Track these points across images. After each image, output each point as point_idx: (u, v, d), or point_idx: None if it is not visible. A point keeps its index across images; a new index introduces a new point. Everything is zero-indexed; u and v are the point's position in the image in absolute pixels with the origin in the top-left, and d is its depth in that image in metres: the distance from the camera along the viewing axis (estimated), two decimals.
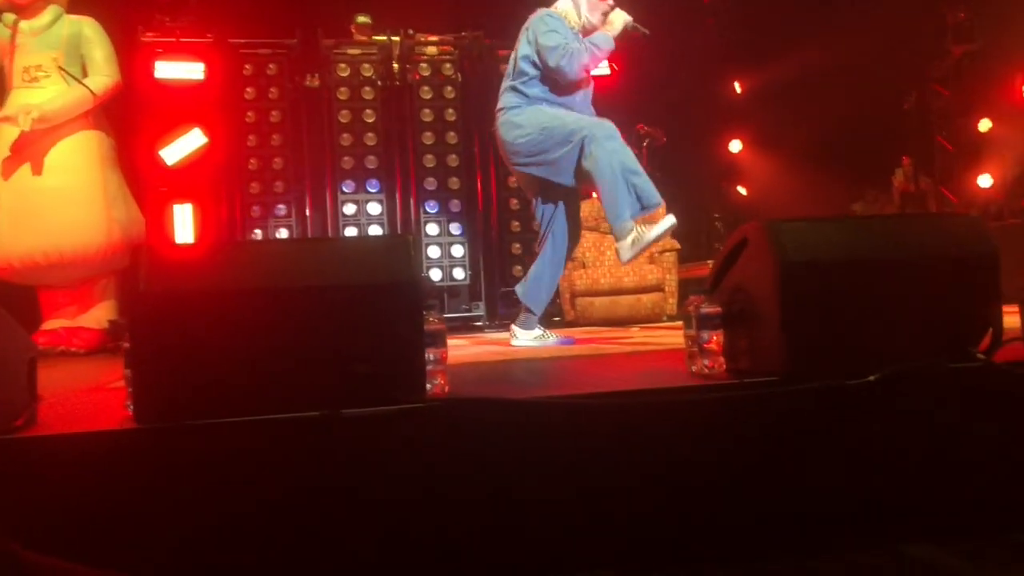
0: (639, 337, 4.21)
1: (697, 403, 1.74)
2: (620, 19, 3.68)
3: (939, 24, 9.36)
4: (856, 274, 1.85)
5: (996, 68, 8.74)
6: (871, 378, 1.73)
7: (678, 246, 6.59)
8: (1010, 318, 2.11)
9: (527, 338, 3.73)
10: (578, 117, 3.55)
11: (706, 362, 1.99)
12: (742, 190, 9.83)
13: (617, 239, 3.43)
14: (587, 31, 3.69)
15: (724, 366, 1.98)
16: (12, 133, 4.84)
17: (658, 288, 6.39)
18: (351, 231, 6.79)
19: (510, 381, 2.21)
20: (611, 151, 3.37)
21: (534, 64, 3.61)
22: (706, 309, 2.00)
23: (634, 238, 3.34)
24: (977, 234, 1.91)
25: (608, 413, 1.70)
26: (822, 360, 1.78)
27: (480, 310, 7.08)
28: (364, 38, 6.77)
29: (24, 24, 5.02)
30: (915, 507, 1.78)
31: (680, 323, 2.26)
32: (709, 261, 7.60)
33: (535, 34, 3.61)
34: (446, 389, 1.85)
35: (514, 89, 3.66)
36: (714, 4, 8.65)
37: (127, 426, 1.57)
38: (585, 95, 3.75)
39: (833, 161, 9.46)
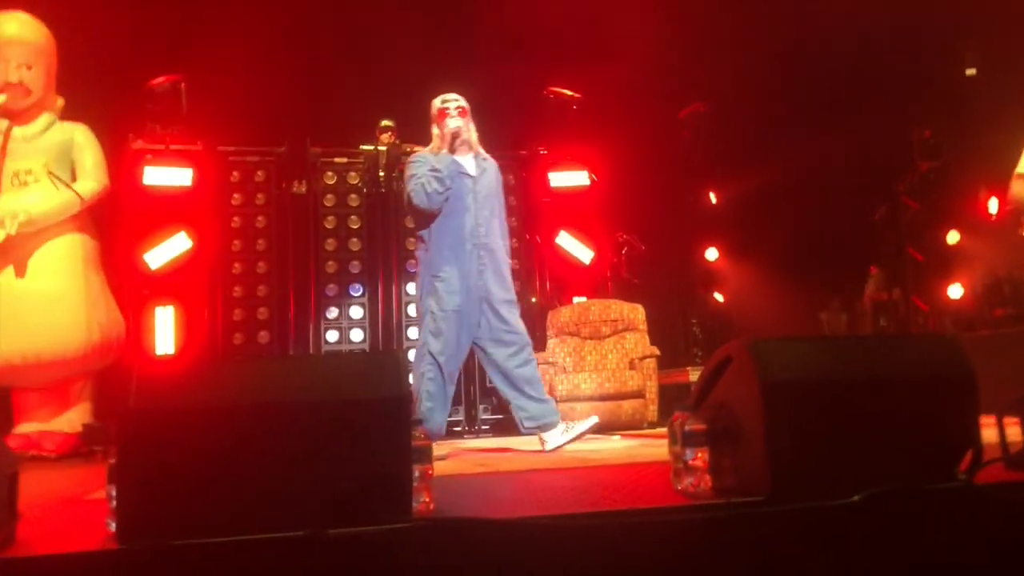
0: (621, 446, 4.18)
1: (684, 523, 1.73)
2: (447, 131, 4.11)
3: (906, 141, 9.73)
4: (836, 394, 1.88)
5: (961, 183, 9.05)
6: (855, 499, 1.74)
7: (658, 352, 6.60)
8: (987, 431, 2.15)
9: (557, 437, 3.94)
10: (426, 335, 4.10)
11: (691, 480, 1.99)
12: (719, 296, 9.97)
13: None
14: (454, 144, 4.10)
15: (710, 484, 1.99)
16: None
17: (639, 394, 6.38)
18: (332, 334, 6.80)
19: (493, 498, 2.20)
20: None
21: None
22: (691, 426, 2.01)
23: None
24: (953, 354, 1.96)
25: (596, 534, 1.69)
26: (806, 480, 1.79)
27: (459, 415, 7.02)
28: (386, 141, 6.80)
29: (17, 130, 5.14)
30: None
31: (660, 431, 2.27)
32: (688, 368, 7.63)
33: None
34: (431, 507, 1.83)
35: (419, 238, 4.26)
36: (689, 118, 8.96)
37: (109, 546, 1.55)
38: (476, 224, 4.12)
39: (802, 270, 9.67)
